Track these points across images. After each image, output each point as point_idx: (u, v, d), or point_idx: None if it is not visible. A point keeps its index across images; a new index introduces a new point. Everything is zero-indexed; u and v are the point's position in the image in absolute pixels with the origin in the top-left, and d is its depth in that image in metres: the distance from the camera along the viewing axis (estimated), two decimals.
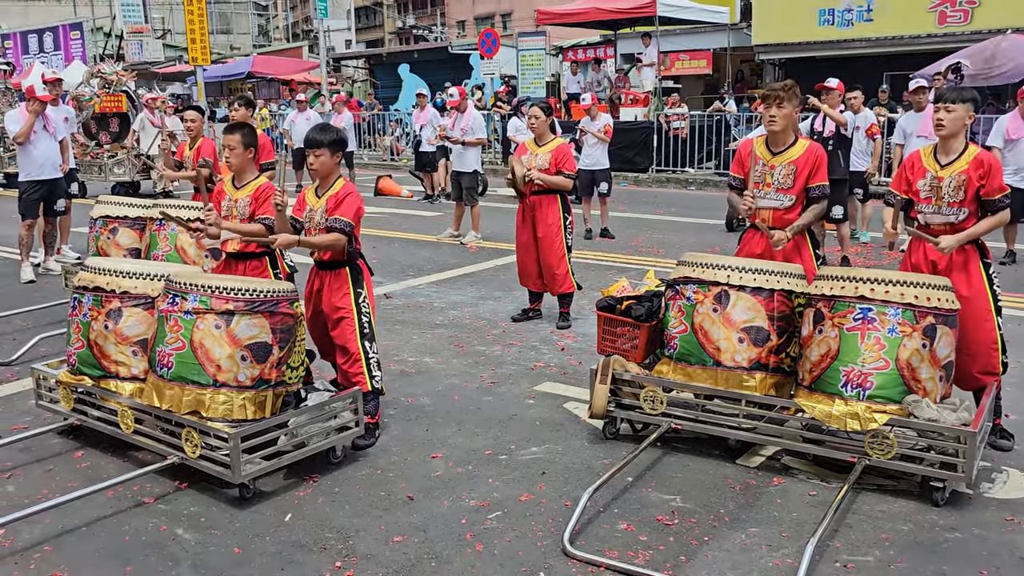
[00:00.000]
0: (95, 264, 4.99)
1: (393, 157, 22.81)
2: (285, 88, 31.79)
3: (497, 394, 5.79)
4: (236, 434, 4.16)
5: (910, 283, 4.25)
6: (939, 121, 4.69)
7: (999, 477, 4.49)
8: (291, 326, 4.50)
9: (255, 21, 62.87)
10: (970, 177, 4.61)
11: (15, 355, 6.59)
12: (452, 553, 3.80)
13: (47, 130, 9.22)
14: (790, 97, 5.04)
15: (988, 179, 4.60)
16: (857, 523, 4.03)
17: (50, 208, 9.42)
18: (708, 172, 17.68)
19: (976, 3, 18.43)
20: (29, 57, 32.96)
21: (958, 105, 4.64)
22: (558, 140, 7.32)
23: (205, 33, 22.02)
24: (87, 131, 16.34)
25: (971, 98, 4.70)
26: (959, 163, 4.67)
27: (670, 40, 22.61)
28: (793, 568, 3.56)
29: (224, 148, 5.26)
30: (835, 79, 9.52)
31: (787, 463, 4.70)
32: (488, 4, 53.35)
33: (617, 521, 4.06)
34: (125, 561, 3.77)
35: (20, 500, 4.31)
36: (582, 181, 11.51)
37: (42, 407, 5.24)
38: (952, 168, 4.68)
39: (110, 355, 4.78)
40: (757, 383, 4.62)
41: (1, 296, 8.63)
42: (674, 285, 4.93)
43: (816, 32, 20.67)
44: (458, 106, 12.27)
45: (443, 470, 4.65)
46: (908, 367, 4.20)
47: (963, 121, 4.68)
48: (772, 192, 5.11)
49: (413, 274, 9.56)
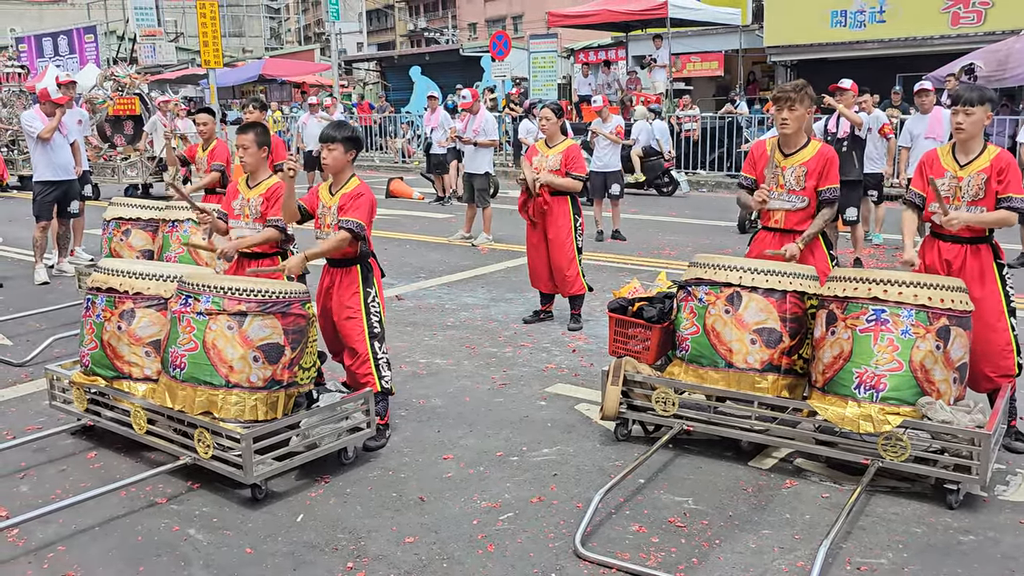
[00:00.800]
0: (108, 265, 5.01)
1: (404, 159, 22.85)
2: (297, 91, 31.89)
3: (509, 396, 5.79)
4: (248, 435, 4.17)
5: (924, 284, 4.23)
6: (959, 125, 4.65)
7: (1014, 480, 4.46)
8: (303, 327, 4.51)
9: (267, 24, 63.13)
10: (990, 177, 4.59)
11: (29, 356, 6.61)
12: (464, 554, 3.79)
13: (60, 132, 9.27)
14: (802, 99, 5.02)
15: (1007, 179, 4.58)
16: (870, 525, 4.01)
17: (64, 210, 9.48)
18: (720, 174, 17.64)
19: (990, 4, 18.35)
20: (44, 60, 33.16)
21: (977, 107, 4.61)
22: (569, 141, 7.30)
23: (217, 36, 22.08)
24: (101, 134, 16.45)
25: (989, 98, 4.67)
26: (979, 162, 4.64)
27: (681, 42, 22.59)
28: (805, 571, 3.55)
29: (238, 148, 5.28)
30: (848, 80, 9.49)
31: (800, 465, 4.68)
32: (499, 6, 53.39)
33: (629, 523, 4.05)
34: (137, 561, 3.78)
35: (34, 500, 4.33)
36: (594, 183, 11.51)
37: (56, 408, 5.27)
38: (972, 168, 4.65)
39: (123, 356, 4.80)
40: (769, 385, 4.60)
41: (15, 297, 8.68)
42: (686, 286, 4.92)
43: (828, 33, 20.61)
44: (470, 108, 12.27)
45: (455, 471, 4.65)
46: (922, 369, 4.17)
47: (982, 122, 4.65)
48: (784, 193, 5.10)
49: (424, 276, 9.57)
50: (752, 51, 22.81)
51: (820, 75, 14.47)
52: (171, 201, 7.11)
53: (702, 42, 24.12)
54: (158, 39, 37.61)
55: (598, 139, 11.83)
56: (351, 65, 38.76)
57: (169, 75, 34.80)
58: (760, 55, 22.71)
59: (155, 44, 37.15)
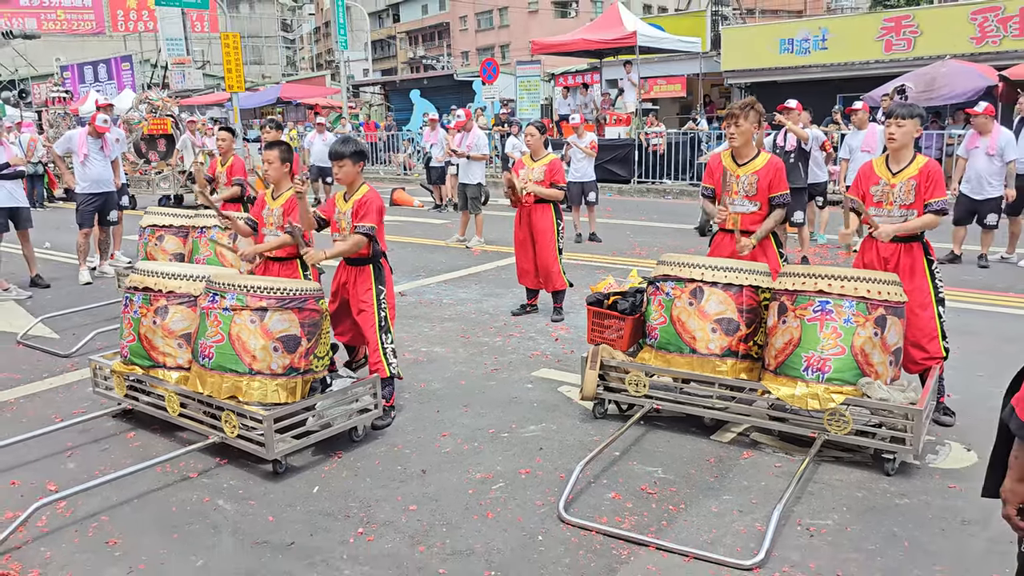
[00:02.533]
0: (144, 267, 4.97)
1: (406, 172, 22.77)
2: (311, 112, 31.75)
3: (499, 379, 5.77)
4: (269, 416, 4.15)
5: (863, 279, 4.24)
6: (891, 135, 4.67)
7: (942, 450, 4.47)
8: (318, 320, 4.48)
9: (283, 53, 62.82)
10: (919, 183, 4.60)
11: (74, 348, 6.56)
12: (461, 519, 3.78)
13: (103, 151, 9.20)
14: (747, 115, 5.01)
15: (933, 184, 4.60)
16: (818, 491, 4.02)
17: (104, 218, 9.40)
18: (683, 183, 17.64)
19: (918, 32, 18.41)
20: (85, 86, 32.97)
21: (907, 120, 4.63)
22: (551, 155, 7.28)
23: (240, 64, 21.95)
24: (137, 150, 16.34)
25: (918, 114, 4.69)
26: (909, 170, 4.66)
27: (648, 67, 22.58)
28: (761, 531, 3.56)
29: (264, 163, 5.27)
30: (794, 100, 9.51)
31: (755, 439, 4.68)
32: (489, 37, 53.30)
33: (606, 491, 4.04)
34: (172, 528, 3.75)
35: (80, 475, 4.29)
36: (572, 192, 11.47)
37: (98, 393, 5.23)
38: (903, 175, 4.67)
39: (158, 347, 4.77)
40: (728, 368, 4.60)
41: (61, 296, 8.61)
42: (655, 282, 4.91)
43: (777, 59, 20.66)
44: (464, 126, 12.23)
45: (452, 447, 4.63)
46: (862, 353, 4.18)
47: (912, 134, 4.67)
48: (739, 199, 5.10)
49: (424, 274, 9.54)
50: (711, 75, 22.82)
51: (771, 96, 14.48)
52: (200, 210, 7.08)
53: (667, 67, 24.12)
54: (187, 67, 37.36)
55: (573, 152, 11.77)
56: (358, 89, 38.60)
57: (197, 99, 34.58)
58: (718, 78, 22.73)
59: (184, 71, 36.91)
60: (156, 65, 36.64)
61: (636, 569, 3.35)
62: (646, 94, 21.98)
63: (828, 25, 20.34)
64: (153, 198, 15.95)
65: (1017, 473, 1.86)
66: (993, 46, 17.43)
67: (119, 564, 3.47)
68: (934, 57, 17.33)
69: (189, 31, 37.95)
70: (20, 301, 8.47)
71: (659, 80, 24.42)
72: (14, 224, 8.91)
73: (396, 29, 65.06)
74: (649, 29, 19.88)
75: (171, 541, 3.65)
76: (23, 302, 8.44)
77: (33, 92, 34.45)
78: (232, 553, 3.53)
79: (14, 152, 9.02)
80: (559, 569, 3.35)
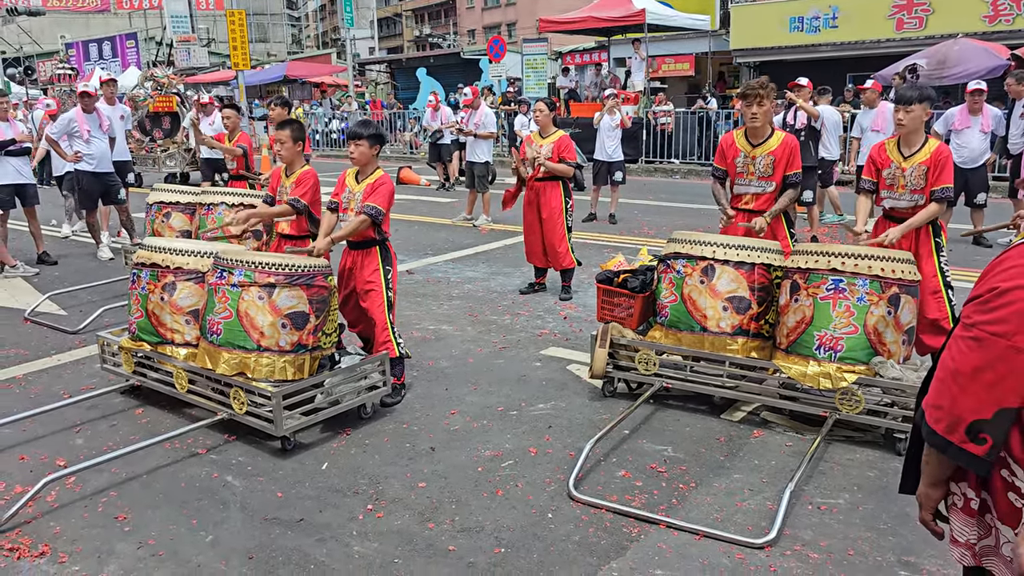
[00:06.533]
0: (151, 243, 4.96)
1: (412, 150, 22.67)
2: (316, 90, 31.59)
3: (508, 358, 5.75)
4: (278, 393, 4.13)
5: (877, 257, 4.19)
6: (899, 121, 4.64)
7: None
8: (325, 297, 4.46)
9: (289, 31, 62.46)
10: (930, 168, 4.57)
11: (82, 325, 6.56)
12: (470, 497, 3.77)
13: (101, 128, 9.05)
14: (768, 94, 4.97)
15: (940, 171, 4.57)
16: (829, 470, 3.99)
17: (111, 197, 9.32)
18: (692, 163, 17.53)
19: (930, 11, 18.17)
20: (90, 64, 32.84)
21: (915, 105, 4.58)
22: (560, 132, 7.23)
23: (245, 41, 21.84)
24: (142, 128, 16.26)
25: (928, 97, 4.63)
26: (920, 155, 4.63)
27: (657, 45, 22.33)
28: (772, 510, 3.54)
29: (276, 142, 5.24)
30: (805, 78, 9.41)
31: (766, 417, 4.65)
32: (496, 14, 52.87)
33: (616, 469, 4.03)
34: (181, 504, 3.75)
35: (88, 451, 4.30)
36: (599, 170, 11.34)
37: (106, 370, 5.22)
38: (914, 159, 4.64)
39: (166, 324, 4.76)
40: (739, 346, 4.57)
41: (69, 273, 8.61)
42: (665, 260, 4.87)
43: (787, 37, 20.41)
44: (471, 104, 12.13)
45: (461, 424, 4.61)
46: (875, 332, 4.14)
47: (921, 119, 4.62)
48: (755, 180, 5.05)
49: (432, 253, 9.50)
50: (720, 53, 22.58)
51: (780, 75, 14.33)
52: (205, 187, 7.07)
53: (675, 45, 23.84)
54: (192, 44, 37.14)
55: (602, 130, 11.22)
56: (364, 67, 38.38)
57: (202, 77, 34.43)
58: (727, 57, 22.49)
59: (190, 49, 36.69)
60: (161, 43, 36.42)
61: (646, 547, 3.33)
62: (654, 73, 21.79)
63: (839, 3, 20.06)
64: (159, 176, 15.90)
65: (929, 478, 1.82)
66: (1006, 24, 17.19)
67: (128, 539, 3.46)
68: (946, 36, 17.10)
69: (194, 8, 37.68)
70: (27, 278, 8.47)
71: (667, 59, 24.18)
72: (21, 201, 8.87)
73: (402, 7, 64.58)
74: (658, 7, 19.64)
75: (180, 516, 3.64)
76: (30, 279, 8.44)
77: (39, 69, 34.32)
78: (241, 529, 3.53)
79: (20, 129, 8.96)
80: (568, 547, 3.34)
